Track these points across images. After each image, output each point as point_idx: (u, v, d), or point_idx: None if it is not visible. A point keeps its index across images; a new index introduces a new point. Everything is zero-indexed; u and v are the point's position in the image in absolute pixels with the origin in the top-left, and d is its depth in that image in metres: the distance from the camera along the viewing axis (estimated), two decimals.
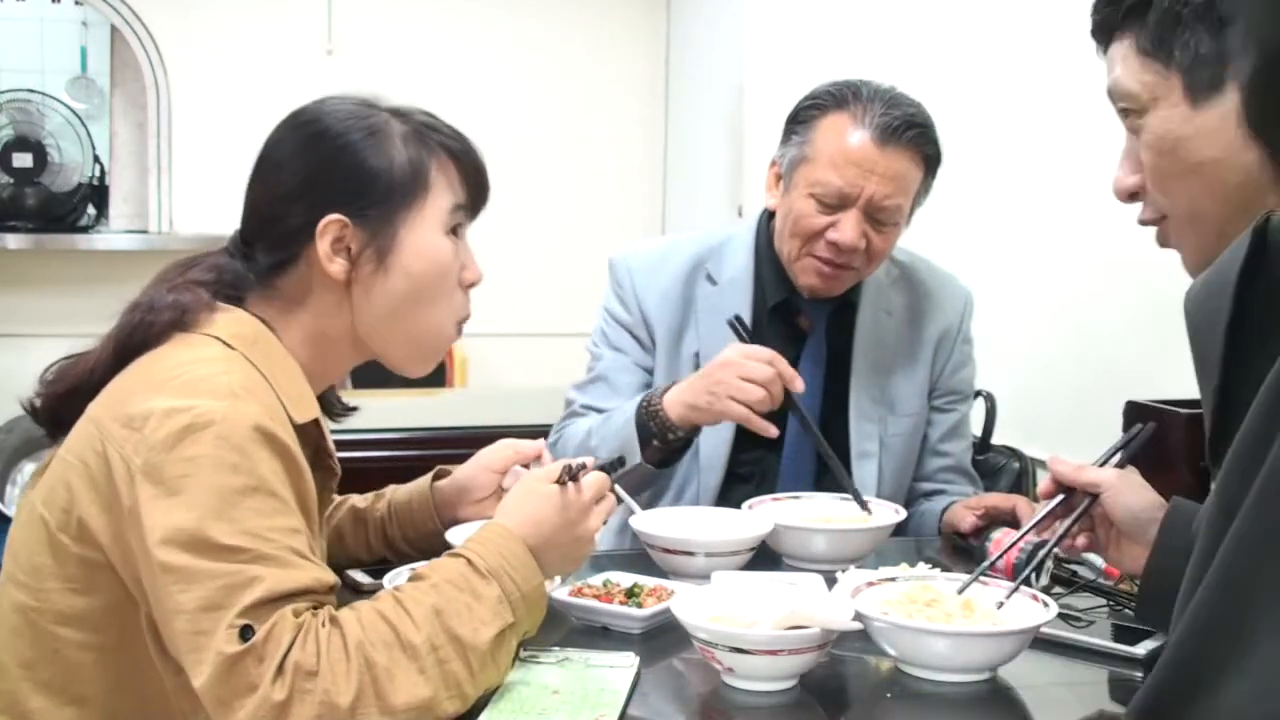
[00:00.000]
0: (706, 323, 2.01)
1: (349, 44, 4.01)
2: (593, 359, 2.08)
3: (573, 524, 1.31)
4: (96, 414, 1.22)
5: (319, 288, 1.33)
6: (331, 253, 1.30)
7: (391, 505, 1.62)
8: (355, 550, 1.61)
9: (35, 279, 3.88)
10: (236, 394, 1.18)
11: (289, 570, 1.12)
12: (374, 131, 1.33)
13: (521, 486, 1.34)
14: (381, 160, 1.32)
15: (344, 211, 1.30)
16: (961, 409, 2.10)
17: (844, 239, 1.87)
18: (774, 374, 1.77)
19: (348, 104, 1.36)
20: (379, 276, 1.33)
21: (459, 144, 1.38)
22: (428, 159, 1.35)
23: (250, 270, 1.33)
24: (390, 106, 1.37)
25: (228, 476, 1.13)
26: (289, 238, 1.32)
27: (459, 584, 1.18)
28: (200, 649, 1.09)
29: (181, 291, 1.29)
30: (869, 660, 1.35)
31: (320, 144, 1.33)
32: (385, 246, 1.32)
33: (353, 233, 1.31)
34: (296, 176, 1.32)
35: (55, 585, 1.21)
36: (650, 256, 2.08)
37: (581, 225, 4.15)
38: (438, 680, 1.12)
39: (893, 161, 1.86)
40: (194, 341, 1.25)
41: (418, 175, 1.34)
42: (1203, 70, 1.03)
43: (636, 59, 4.24)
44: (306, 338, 1.34)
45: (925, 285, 2.09)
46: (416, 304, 1.35)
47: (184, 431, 1.14)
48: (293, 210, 1.31)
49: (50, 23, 4.18)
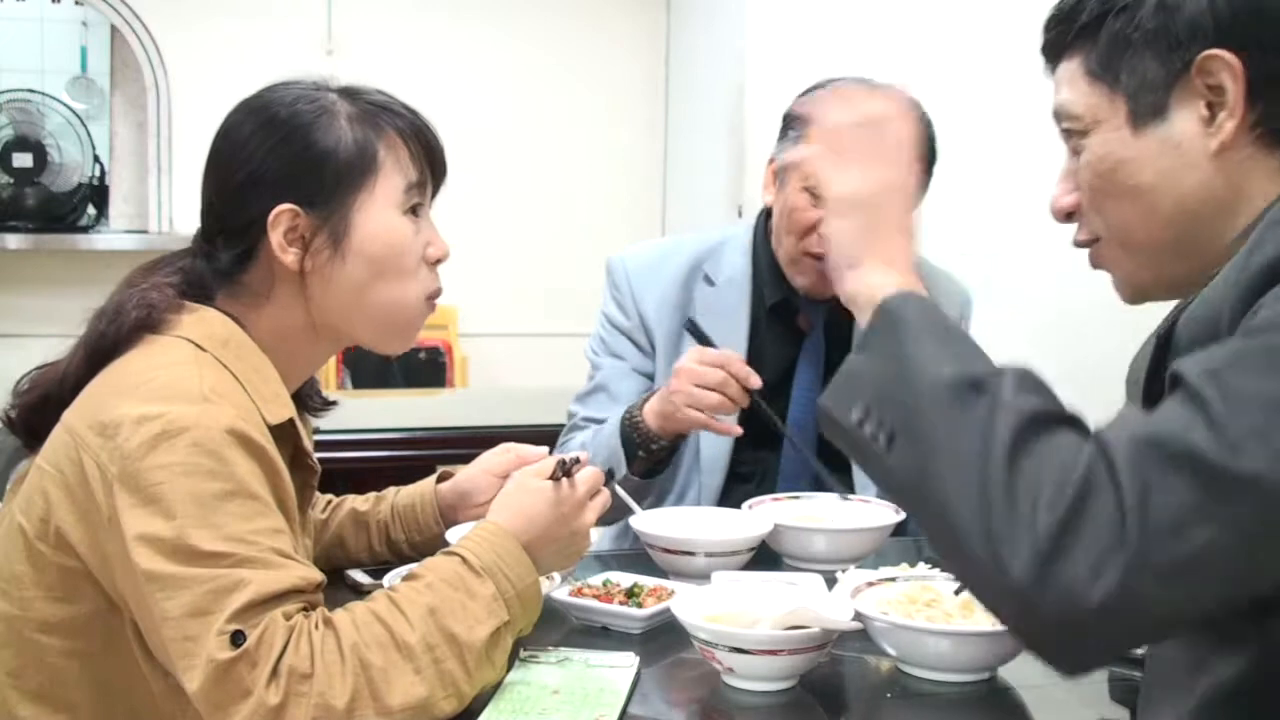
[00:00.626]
0: (705, 324, 2.01)
1: (349, 44, 4.00)
2: (592, 368, 2.08)
3: (567, 519, 1.31)
4: (71, 422, 1.20)
5: (280, 280, 1.30)
6: (285, 243, 1.28)
7: (395, 508, 1.61)
8: (357, 553, 1.60)
9: (35, 279, 3.88)
10: (208, 398, 1.16)
11: (275, 571, 1.11)
12: (319, 114, 1.31)
13: (514, 483, 1.33)
14: (328, 143, 1.29)
15: (294, 200, 1.28)
16: None
17: None
18: (724, 377, 1.76)
19: (295, 89, 1.33)
20: (336, 263, 1.30)
21: (409, 121, 1.35)
22: (375, 139, 1.32)
23: (213, 267, 1.31)
24: (340, 86, 1.34)
25: (205, 482, 1.12)
26: (244, 231, 1.29)
27: (453, 582, 1.18)
28: (191, 655, 1.08)
29: (148, 292, 1.27)
30: (869, 660, 1.34)
31: (267, 131, 1.30)
32: (339, 232, 1.30)
33: (305, 221, 1.28)
34: (246, 167, 1.29)
35: (36, 594, 1.20)
36: (648, 258, 2.08)
37: (581, 225, 4.15)
38: (434, 680, 1.12)
39: None
40: (164, 344, 1.24)
41: (364, 156, 1.31)
42: (1147, 96, 1.05)
43: (636, 59, 4.24)
44: (275, 332, 1.31)
45: (924, 283, 2.08)
46: (378, 285, 1.32)
47: (157, 439, 1.12)
48: (245, 201, 1.29)
49: (50, 23, 4.18)
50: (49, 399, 1.27)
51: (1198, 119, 1.02)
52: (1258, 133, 1.01)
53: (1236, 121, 1.00)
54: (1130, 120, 1.06)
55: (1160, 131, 1.05)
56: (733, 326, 2.01)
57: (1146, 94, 1.05)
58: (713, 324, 2.00)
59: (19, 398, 1.30)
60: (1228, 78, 1.00)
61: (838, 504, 1.81)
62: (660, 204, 4.30)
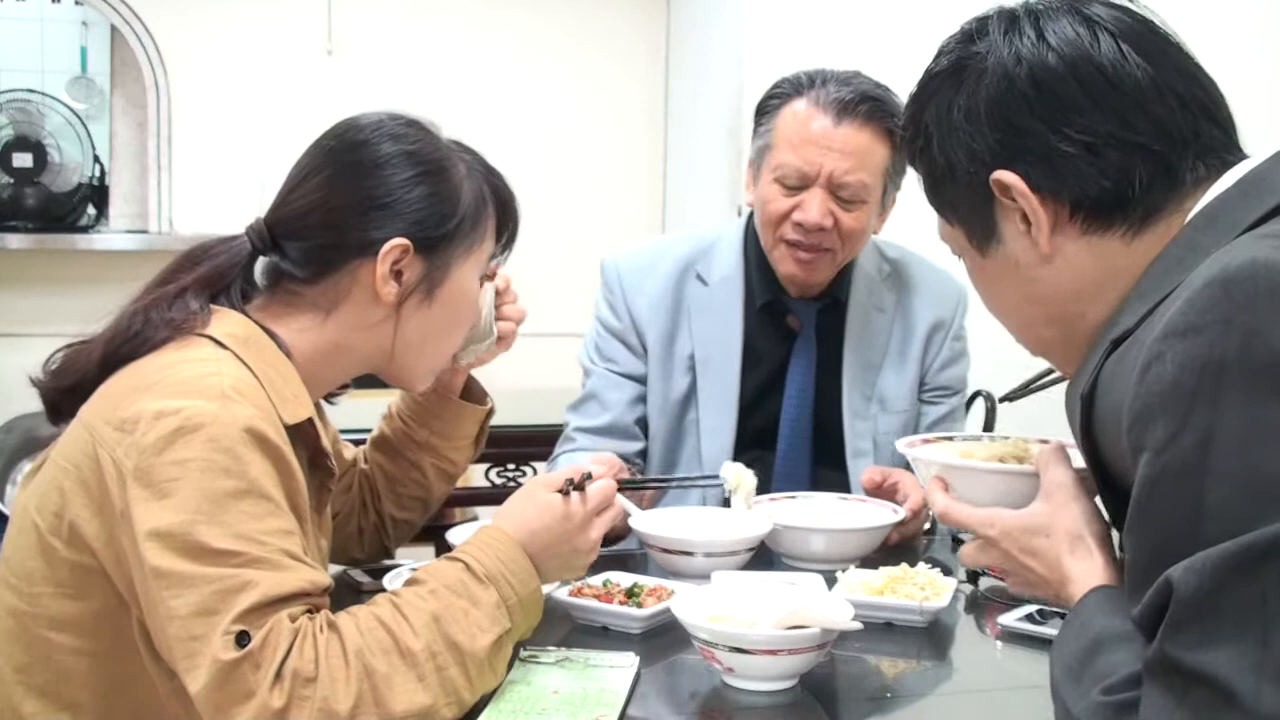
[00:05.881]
0: (700, 324, 2.02)
1: (349, 44, 4.00)
2: (585, 374, 2.09)
3: (572, 535, 1.30)
4: (88, 417, 1.21)
5: (355, 303, 1.32)
6: (388, 274, 1.30)
7: (403, 416, 1.64)
8: (399, 479, 1.63)
9: (35, 279, 3.87)
10: (228, 395, 1.16)
11: (283, 573, 1.11)
12: (456, 164, 1.35)
13: (524, 492, 1.33)
14: (462, 195, 1.34)
15: (413, 236, 1.30)
16: (950, 403, 2.09)
17: (808, 218, 1.88)
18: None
19: (434, 135, 1.37)
20: (422, 308, 1.34)
21: (510, 198, 1.42)
22: (487, 205, 1.38)
23: (270, 268, 1.33)
24: (469, 154, 1.40)
25: (219, 479, 1.12)
26: (338, 248, 1.31)
27: (457, 589, 1.18)
28: (195, 655, 1.08)
29: (178, 309, 1.26)
30: (869, 660, 1.35)
31: (411, 163, 1.32)
32: (435, 280, 1.34)
33: (410, 260, 1.31)
34: (383, 188, 1.30)
35: (47, 590, 1.20)
36: (640, 258, 2.09)
37: (581, 225, 4.14)
38: (436, 688, 1.12)
39: (849, 137, 1.87)
40: (185, 341, 1.24)
41: (481, 217, 1.37)
42: (976, 223, 1.10)
43: (636, 59, 4.24)
44: (323, 346, 1.33)
45: (917, 281, 2.09)
46: (444, 338, 1.40)
47: (175, 434, 1.13)
48: (368, 223, 1.30)
49: (50, 23, 4.17)
50: (79, 386, 1.26)
51: (1020, 232, 1.06)
52: (1080, 220, 1.03)
53: (1047, 225, 1.04)
54: (975, 246, 1.11)
55: (1000, 252, 1.09)
56: (726, 324, 2.02)
57: (976, 222, 1.10)
58: (706, 323, 2.00)
59: (49, 378, 1.30)
60: (1018, 193, 1.04)
61: (837, 504, 1.81)
62: (660, 204, 4.29)
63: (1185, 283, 0.91)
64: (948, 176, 1.10)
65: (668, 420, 2.03)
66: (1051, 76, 1.02)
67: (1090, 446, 1.02)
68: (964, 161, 1.07)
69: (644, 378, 2.04)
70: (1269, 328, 0.83)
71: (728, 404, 2.00)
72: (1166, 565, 0.86)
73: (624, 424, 2.02)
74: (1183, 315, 0.87)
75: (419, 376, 1.43)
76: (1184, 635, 0.84)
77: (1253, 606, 0.81)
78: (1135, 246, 1.03)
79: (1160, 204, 1.02)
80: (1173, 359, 0.86)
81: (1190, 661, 0.83)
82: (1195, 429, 0.84)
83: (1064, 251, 1.05)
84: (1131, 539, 0.92)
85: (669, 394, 2.02)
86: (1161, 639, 0.85)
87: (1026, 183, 1.03)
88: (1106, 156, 1.01)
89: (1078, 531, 1.09)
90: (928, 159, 1.12)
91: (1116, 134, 1.00)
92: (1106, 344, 1.00)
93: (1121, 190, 1.01)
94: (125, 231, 4.04)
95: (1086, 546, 1.07)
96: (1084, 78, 1.01)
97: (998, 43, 1.06)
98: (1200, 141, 1.02)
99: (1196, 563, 0.83)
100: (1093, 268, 1.04)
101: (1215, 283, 0.86)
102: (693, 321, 2.02)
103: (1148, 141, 1.01)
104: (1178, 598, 0.84)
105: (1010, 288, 1.11)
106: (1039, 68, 1.03)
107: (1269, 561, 0.81)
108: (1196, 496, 0.84)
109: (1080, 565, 1.06)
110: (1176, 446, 0.85)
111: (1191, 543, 0.84)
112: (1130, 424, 0.90)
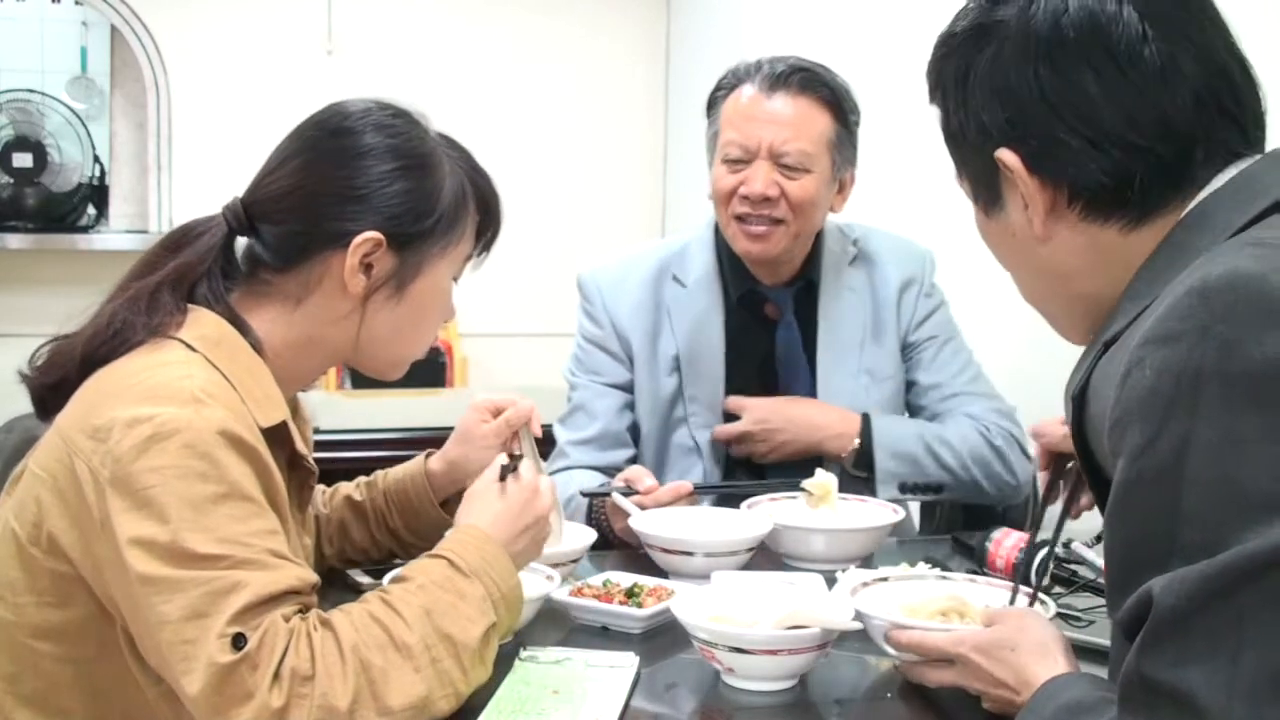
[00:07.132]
0: (680, 323, 2.05)
1: (349, 44, 4.00)
2: (570, 389, 2.10)
3: (527, 505, 1.32)
4: (62, 425, 1.20)
5: (325, 294, 1.31)
6: (358, 267, 1.29)
7: (387, 495, 1.61)
8: (361, 544, 1.60)
9: (35, 279, 3.87)
10: (199, 399, 1.16)
11: (272, 573, 1.11)
12: (448, 170, 1.34)
13: (471, 494, 1.34)
14: (440, 195, 1.32)
15: (386, 231, 1.29)
16: (934, 347, 2.10)
17: (753, 189, 1.93)
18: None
19: (422, 128, 1.35)
20: (390, 303, 1.33)
21: (495, 202, 1.41)
22: (467, 206, 1.36)
23: (247, 252, 1.32)
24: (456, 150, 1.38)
25: (197, 485, 1.11)
26: (311, 236, 1.29)
27: (443, 584, 1.18)
28: (190, 658, 1.07)
29: (153, 308, 1.25)
30: (869, 660, 1.35)
31: (393, 156, 1.30)
32: (406, 277, 1.32)
33: (382, 255, 1.30)
34: (360, 179, 1.29)
35: (29, 599, 1.19)
36: (616, 270, 2.13)
37: (581, 225, 4.14)
38: (432, 679, 1.12)
39: (783, 106, 1.94)
40: (155, 345, 1.23)
41: (459, 220, 1.35)
42: (983, 188, 1.11)
43: (636, 59, 4.23)
44: (293, 339, 1.31)
45: (882, 252, 2.13)
46: (412, 334, 1.38)
47: (148, 441, 1.12)
48: (343, 214, 1.28)
49: (50, 23, 4.17)
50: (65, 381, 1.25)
51: (1021, 208, 1.06)
52: (1079, 208, 1.03)
53: (1043, 210, 1.04)
54: (981, 207, 1.12)
55: (1003, 218, 1.10)
56: (707, 323, 2.04)
57: (982, 186, 1.10)
58: (687, 322, 2.03)
59: (36, 371, 1.29)
60: (1017, 175, 1.04)
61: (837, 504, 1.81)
62: (660, 204, 4.29)
63: (1169, 289, 0.91)
64: (960, 137, 1.10)
65: (658, 421, 2.04)
66: (1065, 57, 1.01)
67: (1082, 446, 1.02)
68: (973, 131, 1.07)
69: (630, 385, 2.06)
70: (1246, 337, 0.83)
71: (714, 400, 2.02)
72: (1142, 569, 0.86)
73: (614, 431, 2.04)
74: (1162, 323, 0.88)
75: (385, 370, 1.40)
76: (1159, 653, 0.84)
77: (1228, 626, 0.81)
78: (1133, 239, 1.03)
79: (1161, 202, 1.01)
80: (1151, 365, 0.87)
81: (1163, 678, 0.83)
82: (1172, 435, 0.85)
83: (1060, 235, 1.05)
84: (1108, 542, 0.93)
85: (657, 394, 2.04)
86: (1137, 656, 0.86)
87: (1027, 165, 1.03)
88: (1109, 154, 1.00)
89: (1044, 642, 1.12)
90: (944, 113, 1.12)
91: (1121, 134, 1.00)
92: (1099, 345, 1.00)
93: (1121, 189, 1.01)
94: (125, 231, 4.04)
95: (1053, 656, 1.10)
96: (1098, 63, 1.00)
97: (1022, 7, 1.04)
98: (1212, 138, 1.00)
99: (1175, 583, 0.84)
100: (1089, 253, 1.05)
101: (1195, 292, 0.87)
102: (674, 322, 2.05)
103: (1151, 144, 1.00)
104: (1156, 615, 0.84)
105: (1010, 252, 1.13)
106: (1055, 45, 1.01)
107: (1246, 583, 0.81)
108: (1172, 502, 0.85)
109: (1049, 672, 1.07)
110: (1153, 452, 0.86)
111: (1167, 547, 0.85)
112: (1110, 428, 0.91)
